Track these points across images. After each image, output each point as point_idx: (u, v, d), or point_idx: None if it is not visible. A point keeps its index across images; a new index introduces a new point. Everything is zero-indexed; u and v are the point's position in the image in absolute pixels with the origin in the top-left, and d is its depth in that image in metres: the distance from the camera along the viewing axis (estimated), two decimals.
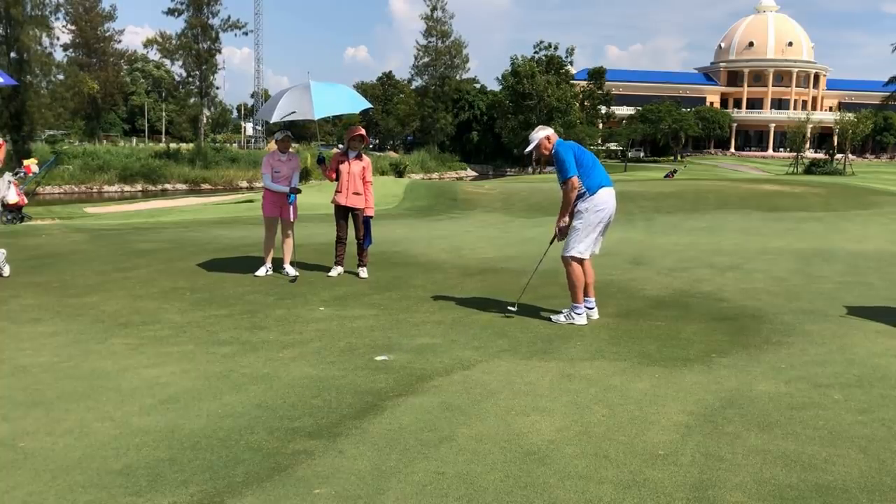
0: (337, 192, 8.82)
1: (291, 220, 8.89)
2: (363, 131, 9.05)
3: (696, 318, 6.98)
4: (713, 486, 3.50)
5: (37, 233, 12.87)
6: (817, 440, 4.05)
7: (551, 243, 7.15)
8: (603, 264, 10.12)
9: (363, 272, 8.88)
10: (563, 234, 6.78)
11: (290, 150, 9.06)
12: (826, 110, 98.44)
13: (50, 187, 43.92)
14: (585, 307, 6.76)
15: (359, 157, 8.87)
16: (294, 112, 8.38)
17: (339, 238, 8.94)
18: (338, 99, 8.85)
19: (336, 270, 8.89)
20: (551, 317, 6.83)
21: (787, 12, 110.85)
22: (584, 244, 6.63)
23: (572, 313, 6.69)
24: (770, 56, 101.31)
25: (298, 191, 8.89)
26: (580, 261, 6.66)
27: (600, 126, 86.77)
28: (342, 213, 8.90)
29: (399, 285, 8.42)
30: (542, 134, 6.69)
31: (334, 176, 8.81)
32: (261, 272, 8.80)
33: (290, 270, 8.79)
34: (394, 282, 8.61)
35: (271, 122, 8.93)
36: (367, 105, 9.29)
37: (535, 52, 78.49)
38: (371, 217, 8.99)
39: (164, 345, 5.88)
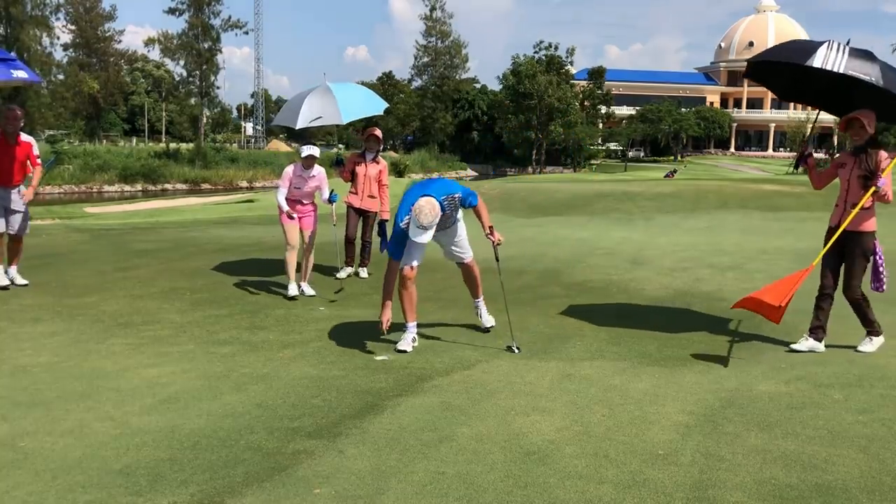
0: (352, 192, 8.74)
1: (311, 229, 7.96)
2: (379, 132, 8.83)
3: (696, 318, 6.98)
4: (713, 486, 3.50)
5: (37, 233, 12.84)
6: (817, 440, 4.05)
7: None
8: (603, 264, 10.13)
9: (363, 272, 8.86)
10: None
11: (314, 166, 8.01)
12: None
13: (50, 187, 43.90)
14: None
15: (375, 159, 8.79)
16: (320, 118, 8.17)
17: (349, 238, 8.83)
18: (362, 101, 8.66)
19: (345, 271, 8.73)
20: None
21: (787, 12, 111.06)
22: None
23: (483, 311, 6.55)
24: None
25: (333, 192, 7.90)
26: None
27: (600, 126, 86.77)
28: (355, 214, 8.83)
29: None
30: None
31: (349, 176, 8.75)
32: (292, 291, 7.67)
33: (308, 290, 7.92)
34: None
35: (296, 128, 8.41)
36: (385, 104, 9.14)
37: (536, 52, 78.48)
38: (387, 221, 8.65)
39: (164, 345, 5.88)
